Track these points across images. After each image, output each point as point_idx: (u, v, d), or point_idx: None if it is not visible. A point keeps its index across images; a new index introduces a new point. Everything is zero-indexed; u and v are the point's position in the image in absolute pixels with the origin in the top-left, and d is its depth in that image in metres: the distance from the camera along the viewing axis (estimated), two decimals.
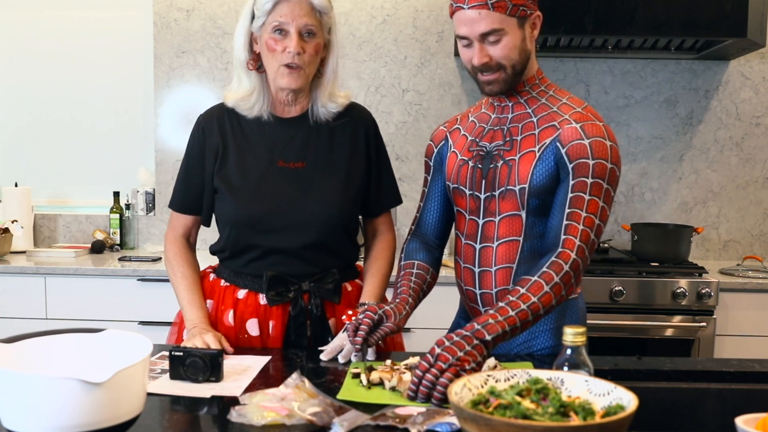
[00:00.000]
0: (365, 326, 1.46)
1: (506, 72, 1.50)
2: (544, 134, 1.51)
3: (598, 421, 0.90)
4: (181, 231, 1.76)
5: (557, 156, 1.47)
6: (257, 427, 1.13)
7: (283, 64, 1.57)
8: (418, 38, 3.31)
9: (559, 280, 1.40)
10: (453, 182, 1.64)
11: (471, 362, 1.27)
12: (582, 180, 1.44)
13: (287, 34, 1.57)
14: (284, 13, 1.56)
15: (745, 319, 2.79)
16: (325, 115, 1.68)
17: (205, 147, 1.68)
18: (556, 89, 1.58)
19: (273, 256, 1.65)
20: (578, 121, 1.48)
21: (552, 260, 1.42)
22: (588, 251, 1.44)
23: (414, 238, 1.74)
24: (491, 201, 1.57)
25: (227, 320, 1.67)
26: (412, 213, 3.34)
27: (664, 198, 3.33)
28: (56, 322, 2.86)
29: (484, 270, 1.59)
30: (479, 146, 1.60)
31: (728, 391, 1.41)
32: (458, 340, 1.29)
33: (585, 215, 1.43)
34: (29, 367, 1.09)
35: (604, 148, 1.45)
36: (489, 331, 1.32)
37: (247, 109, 1.66)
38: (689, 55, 3.18)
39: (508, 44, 1.47)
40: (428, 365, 1.25)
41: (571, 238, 1.42)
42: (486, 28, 1.45)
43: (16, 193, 3.31)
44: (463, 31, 1.48)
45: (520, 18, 1.46)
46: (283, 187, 1.64)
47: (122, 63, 3.48)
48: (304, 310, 1.66)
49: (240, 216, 1.64)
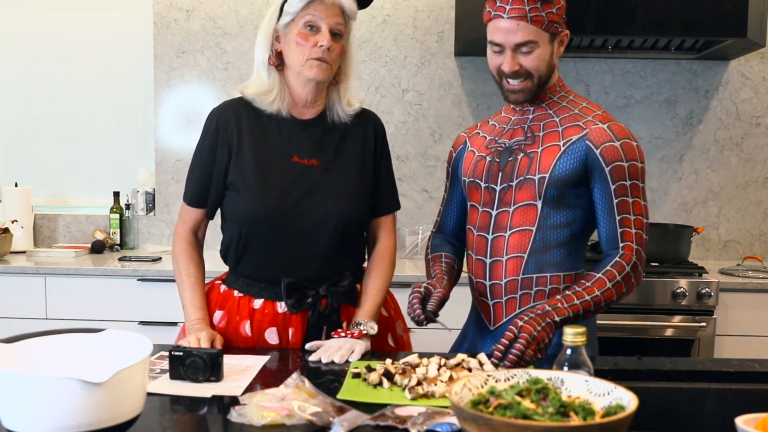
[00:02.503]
0: (416, 299, 1.55)
1: (533, 81, 1.57)
2: (568, 132, 1.57)
3: (598, 421, 0.90)
4: (190, 225, 1.75)
5: (589, 155, 1.54)
6: (257, 427, 1.13)
7: (313, 57, 1.59)
8: (418, 38, 3.32)
9: (621, 279, 1.51)
10: (469, 176, 1.68)
11: (546, 338, 1.40)
12: (622, 184, 1.53)
13: (319, 30, 1.59)
14: (318, 11, 1.58)
15: (745, 319, 2.79)
16: (343, 118, 1.69)
17: (219, 140, 1.67)
18: (576, 95, 1.66)
19: (288, 259, 1.64)
20: (603, 121, 1.56)
21: (615, 260, 1.52)
22: (644, 252, 1.55)
23: (437, 234, 1.82)
24: (507, 191, 1.61)
25: (244, 331, 1.66)
26: (411, 213, 3.34)
27: (664, 198, 3.33)
28: (56, 322, 2.85)
29: (495, 260, 1.62)
30: (498, 143, 1.66)
31: (728, 391, 1.41)
32: (534, 316, 1.42)
33: (634, 218, 1.54)
34: (29, 367, 1.09)
35: (633, 149, 1.54)
36: (558, 314, 1.44)
37: (267, 104, 1.66)
38: (689, 55, 3.18)
39: (539, 56, 1.55)
40: (513, 336, 1.39)
41: (629, 244, 1.53)
42: (522, 39, 1.52)
43: (16, 193, 3.31)
44: (498, 39, 1.55)
45: (552, 34, 1.55)
46: (298, 183, 1.64)
47: (122, 63, 3.48)
48: (323, 315, 1.66)
49: (254, 212, 1.63)
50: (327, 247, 1.65)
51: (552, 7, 1.54)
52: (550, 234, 1.58)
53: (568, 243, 1.59)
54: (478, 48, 2.97)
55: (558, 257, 1.58)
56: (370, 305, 1.68)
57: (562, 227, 1.58)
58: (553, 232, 1.58)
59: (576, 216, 1.59)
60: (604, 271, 1.51)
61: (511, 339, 1.39)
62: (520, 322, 1.40)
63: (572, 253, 1.60)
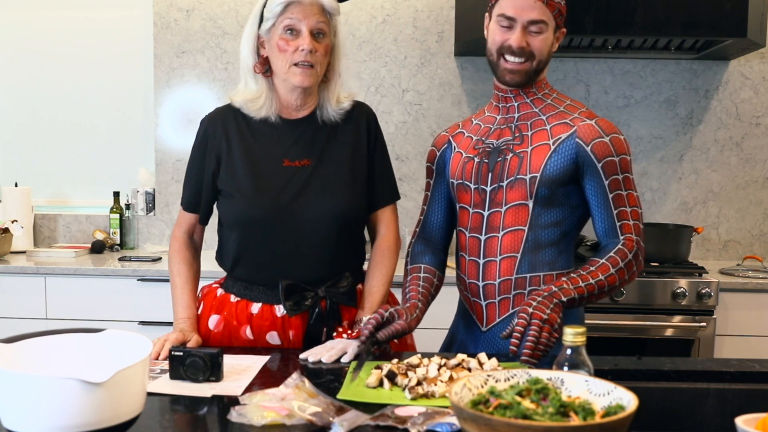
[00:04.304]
0: (373, 321, 1.48)
1: (532, 64, 1.58)
2: (557, 129, 1.58)
3: (598, 421, 0.90)
4: (186, 228, 1.77)
5: (579, 152, 1.55)
6: (257, 427, 1.13)
7: (295, 62, 1.58)
8: (418, 38, 3.32)
9: (623, 265, 1.53)
10: (457, 179, 1.66)
11: (557, 319, 1.40)
12: (615, 178, 1.55)
13: (299, 34, 1.57)
14: (296, 13, 1.56)
15: (745, 319, 2.79)
16: (334, 117, 1.68)
17: (207, 148, 1.69)
18: (558, 93, 1.67)
19: (285, 260, 1.64)
20: (590, 118, 1.58)
21: (618, 248, 1.54)
22: (643, 241, 1.58)
23: (419, 241, 1.76)
24: (498, 192, 1.60)
25: (245, 335, 1.66)
26: (411, 213, 3.34)
27: (664, 198, 3.33)
28: (56, 322, 2.86)
29: (488, 260, 1.61)
30: (485, 144, 1.65)
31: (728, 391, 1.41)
32: (542, 300, 1.42)
33: (630, 210, 1.57)
34: (29, 367, 1.09)
35: (621, 142, 1.58)
36: (564, 294, 1.45)
37: (255, 111, 1.66)
38: (689, 55, 3.18)
39: (545, 40, 1.57)
40: (526, 322, 1.38)
41: (630, 236, 1.55)
42: (537, 16, 1.54)
43: (16, 193, 3.31)
44: (510, 12, 1.55)
45: (557, 24, 1.58)
46: (290, 185, 1.63)
47: (122, 63, 3.48)
48: (322, 316, 1.66)
49: (247, 215, 1.63)
50: (323, 246, 1.64)
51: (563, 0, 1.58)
52: (542, 233, 1.58)
53: (558, 242, 1.60)
54: (478, 48, 2.98)
55: (550, 256, 1.59)
56: (373, 302, 1.68)
57: (553, 226, 1.59)
58: (544, 232, 1.58)
59: (565, 215, 1.59)
60: (608, 257, 1.53)
61: (524, 326, 1.38)
62: (529, 308, 1.40)
63: (563, 252, 1.61)
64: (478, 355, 1.43)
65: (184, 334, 1.59)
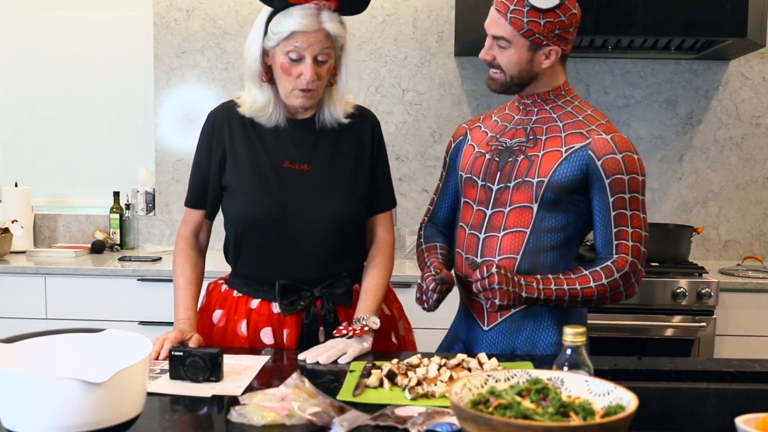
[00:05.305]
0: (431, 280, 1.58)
1: (505, 77, 1.58)
2: (571, 139, 1.56)
3: (598, 421, 0.90)
4: (192, 227, 1.76)
5: (590, 165, 1.53)
6: (257, 427, 1.13)
7: (298, 88, 1.58)
8: (418, 38, 3.32)
9: (606, 282, 1.51)
10: (466, 172, 1.67)
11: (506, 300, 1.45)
12: (621, 196, 1.53)
13: (302, 60, 1.57)
14: (300, 41, 1.55)
15: (745, 319, 2.79)
16: (332, 122, 1.69)
17: (213, 142, 1.69)
18: (581, 101, 1.64)
19: (284, 260, 1.65)
20: (607, 132, 1.55)
21: (606, 264, 1.53)
22: (641, 264, 1.54)
23: (429, 225, 1.81)
24: (504, 192, 1.60)
25: (240, 330, 1.67)
26: (411, 213, 3.34)
27: (664, 198, 3.33)
28: (56, 322, 2.86)
29: (486, 260, 1.60)
30: (499, 141, 1.65)
31: (728, 391, 1.41)
32: (510, 278, 1.46)
33: (632, 231, 1.53)
34: (29, 367, 1.09)
35: (634, 161, 1.54)
36: (528, 291, 1.48)
37: (265, 120, 1.67)
38: (689, 55, 3.18)
39: (511, 58, 1.55)
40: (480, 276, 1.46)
41: (624, 256, 1.53)
42: (497, 32, 1.54)
43: (16, 193, 3.31)
44: (485, 24, 1.57)
45: (532, 43, 1.53)
46: (290, 187, 1.65)
47: (122, 63, 3.48)
48: (317, 316, 1.66)
49: (248, 213, 1.64)
50: (322, 248, 1.65)
51: (540, 18, 1.49)
52: (544, 237, 1.57)
53: (561, 246, 1.59)
54: (478, 48, 2.96)
55: (551, 260, 1.58)
56: (371, 300, 1.68)
57: (557, 230, 1.57)
58: (547, 235, 1.57)
59: (571, 220, 1.58)
60: (592, 270, 1.53)
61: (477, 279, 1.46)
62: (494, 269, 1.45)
63: (565, 256, 1.60)
64: (478, 355, 1.43)
65: (184, 333, 1.59)
